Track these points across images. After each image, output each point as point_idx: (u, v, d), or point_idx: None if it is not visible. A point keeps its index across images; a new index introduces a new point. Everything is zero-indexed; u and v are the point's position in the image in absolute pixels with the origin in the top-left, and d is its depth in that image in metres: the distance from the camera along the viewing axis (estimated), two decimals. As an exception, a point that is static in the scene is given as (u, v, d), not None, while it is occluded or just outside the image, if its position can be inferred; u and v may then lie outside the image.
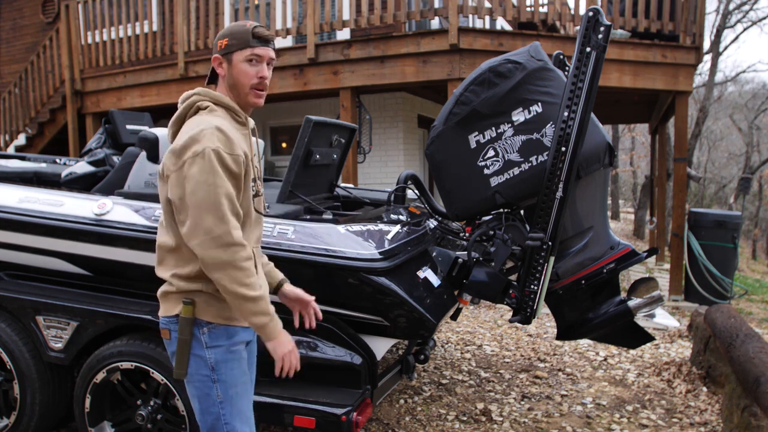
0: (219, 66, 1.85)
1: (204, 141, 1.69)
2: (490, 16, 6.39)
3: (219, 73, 1.86)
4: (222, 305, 1.81)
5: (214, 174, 1.68)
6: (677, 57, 6.43)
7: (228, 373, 1.83)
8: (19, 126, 9.02)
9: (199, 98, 1.83)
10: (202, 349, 1.80)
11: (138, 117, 4.36)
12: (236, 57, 1.81)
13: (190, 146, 1.70)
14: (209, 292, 1.80)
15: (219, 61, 1.84)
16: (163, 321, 1.86)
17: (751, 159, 22.37)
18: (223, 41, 1.83)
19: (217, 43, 1.85)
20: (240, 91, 1.84)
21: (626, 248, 2.64)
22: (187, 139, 1.71)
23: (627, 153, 26.20)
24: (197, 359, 1.80)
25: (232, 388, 1.84)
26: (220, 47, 1.83)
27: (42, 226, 2.78)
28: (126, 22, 7.96)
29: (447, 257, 2.75)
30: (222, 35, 1.84)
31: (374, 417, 3.44)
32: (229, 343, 1.83)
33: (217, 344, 1.81)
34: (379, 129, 8.20)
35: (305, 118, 3.20)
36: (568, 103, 2.34)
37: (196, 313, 1.80)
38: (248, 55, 1.81)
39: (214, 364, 1.81)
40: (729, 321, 3.78)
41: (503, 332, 5.25)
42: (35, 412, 2.82)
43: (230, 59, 1.82)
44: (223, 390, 1.82)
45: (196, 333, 1.80)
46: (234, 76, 1.83)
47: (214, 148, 1.68)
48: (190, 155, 1.69)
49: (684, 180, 6.70)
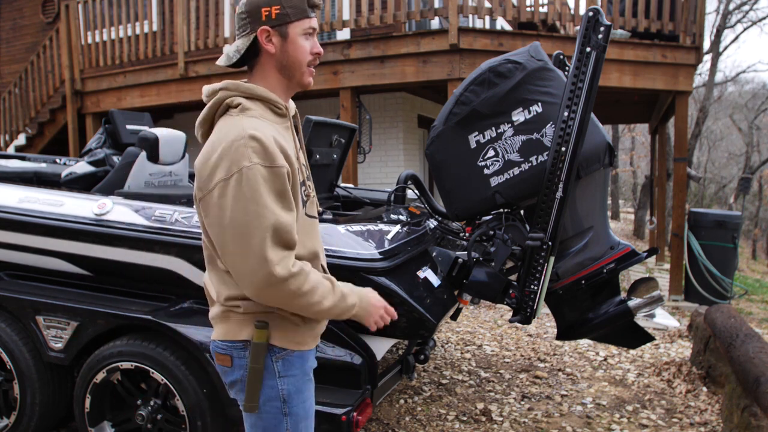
0: (268, 41, 1.49)
1: (236, 158, 1.37)
2: (490, 16, 6.39)
3: (267, 50, 1.50)
4: (296, 329, 1.58)
5: (252, 201, 1.37)
6: (677, 57, 6.43)
7: (300, 405, 1.61)
8: (19, 126, 9.02)
9: (227, 93, 1.51)
10: (273, 378, 1.56)
11: (138, 117, 4.36)
12: (292, 30, 1.49)
13: (218, 166, 1.39)
14: (283, 315, 1.55)
15: (268, 34, 1.48)
16: (222, 346, 1.59)
17: (751, 159, 22.37)
18: (272, 8, 1.46)
19: (259, 10, 1.46)
20: (295, 71, 1.53)
21: (626, 248, 2.64)
22: (215, 156, 1.40)
23: (627, 153, 26.20)
24: (268, 390, 1.56)
25: (302, 421, 1.63)
26: (266, 16, 1.46)
27: (42, 226, 2.78)
28: (126, 22, 7.96)
29: (447, 257, 2.75)
30: (264, 3, 1.47)
31: (374, 417, 3.44)
32: (302, 372, 1.62)
33: (291, 373, 1.59)
34: (379, 129, 8.20)
35: (305, 118, 3.20)
36: (568, 103, 2.34)
37: (269, 337, 1.55)
38: (307, 28, 1.50)
39: (286, 395, 1.58)
40: (729, 321, 3.78)
41: (503, 332, 5.25)
42: (35, 412, 2.82)
43: (284, 32, 1.48)
44: (293, 423, 1.60)
45: (269, 362, 1.55)
46: (290, 54, 1.50)
47: (248, 166, 1.37)
48: (220, 179, 1.38)
49: (684, 180, 6.70)
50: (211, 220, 1.44)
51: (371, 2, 7.14)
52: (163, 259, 2.64)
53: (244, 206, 1.37)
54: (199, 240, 2.52)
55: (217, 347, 1.61)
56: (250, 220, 1.38)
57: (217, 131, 1.49)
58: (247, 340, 1.56)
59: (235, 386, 1.62)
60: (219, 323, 1.62)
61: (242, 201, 1.37)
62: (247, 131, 1.41)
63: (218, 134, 1.47)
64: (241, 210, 1.38)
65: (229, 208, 1.38)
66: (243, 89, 1.52)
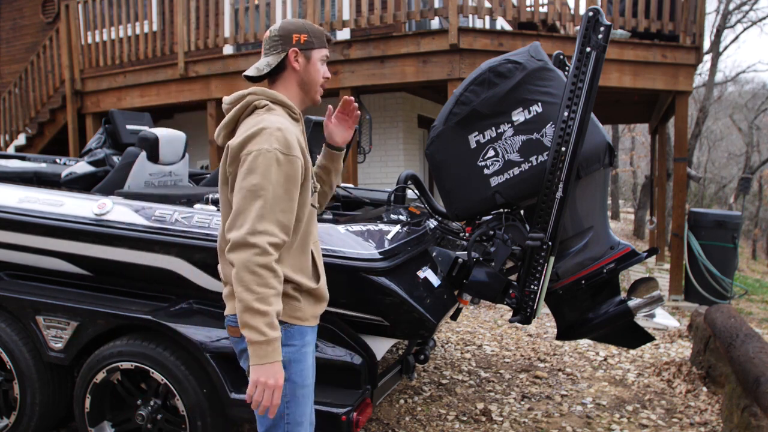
0: (295, 60, 1.83)
1: (259, 141, 1.66)
2: (490, 16, 6.39)
3: (293, 67, 1.83)
4: (295, 305, 1.80)
5: (262, 175, 1.63)
6: (677, 57, 6.43)
7: (298, 374, 1.80)
8: (19, 126, 9.02)
9: (256, 97, 1.80)
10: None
11: (138, 117, 4.36)
12: (315, 55, 1.84)
13: (247, 144, 1.67)
14: (286, 292, 1.76)
15: (296, 55, 1.82)
16: (233, 319, 1.79)
17: (751, 159, 22.36)
18: (302, 35, 1.82)
19: (290, 36, 1.82)
20: (311, 88, 1.87)
21: (626, 248, 2.64)
22: (245, 137, 1.68)
23: (627, 153, 26.21)
24: None
25: (300, 389, 1.81)
26: (297, 41, 1.81)
27: (42, 226, 2.78)
28: (126, 22, 7.96)
29: (447, 257, 2.75)
30: (298, 29, 1.83)
31: (374, 417, 3.44)
32: (301, 344, 1.82)
33: (291, 343, 1.79)
34: (379, 129, 8.20)
35: (305, 118, 3.20)
36: (568, 103, 2.34)
37: None
38: (323, 56, 1.87)
39: (286, 362, 1.74)
40: (729, 321, 3.78)
41: (503, 332, 5.25)
42: (35, 412, 2.82)
43: (309, 56, 1.84)
44: (291, 389, 1.79)
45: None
46: (311, 74, 1.85)
47: (268, 149, 1.65)
48: (248, 153, 1.66)
49: (684, 180, 6.70)
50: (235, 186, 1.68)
51: (371, 2, 7.14)
52: (163, 259, 2.64)
53: (254, 177, 1.64)
54: (199, 240, 2.54)
55: (230, 321, 1.82)
56: (256, 189, 1.63)
57: (246, 124, 1.75)
58: None
59: (244, 354, 1.78)
60: (230, 300, 1.82)
61: (254, 173, 1.64)
62: (275, 124, 1.69)
63: (248, 125, 1.73)
64: (251, 180, 1.64)
65: (242, 176, 1.66)
66: (269, 94, 1.81)
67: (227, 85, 7.15)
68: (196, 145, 7.50)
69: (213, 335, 2.46)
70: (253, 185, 1.64)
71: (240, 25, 7.14)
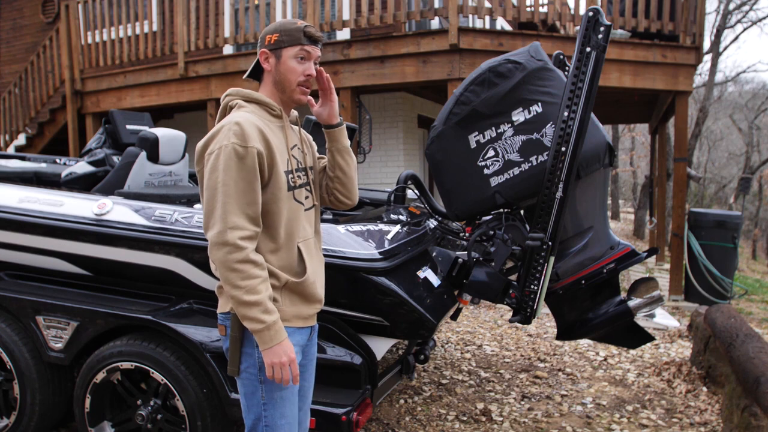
0: (266, 61, 1.84)
1: (219, 139, 1.69)
2: (490, 16, 6.38)
3: (265, 68, 1.85)
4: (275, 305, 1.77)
5: (223, 171, 1.66)
6: (677, 57, 6.43)
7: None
8: (19, 126, 9.02)
9: (230, 98, 1.84)
10: (252, 347, 1.77)
11: (138, 117, 4.36)
12: (285, 53, 1.81)
13: (207, 145, 1.72)
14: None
15: (266, 56, 1.83)
16: (220, 317, 1.84)
17: (751, 159, 22.36)
18: (272, 36, 1.81)
19: (265, 37, 1.83)
20: (286, 87, 1.84)
21: (626, 248, 2.64)
22: (207, 137, 1.74)
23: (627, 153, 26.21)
24: (247, 357, 1.78)
25: (278, 391, 1.80)
26: (268, 42, 1.82)
27: (42, 226, 2.78)
28: (126, 22, 7.96)
29: (447, 257, 2.75)
30: (271, 30, 1.83)
31: (374, 417, 3.44)
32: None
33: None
34: (379, 129, 8.20)
35: (305, 118, 3.20)
36: (568, 103, 2.34)
37: None
38: (297, 52, 1.81)
39: (261, 363, 1.76)
40: (729, 321, 3.78)
41: (503, 332, 5.25)
42: (35, 412, 2.82)
43: (279, 55, 1.82)
44: (268, 391, 1.79)
45: (247, 331, 1.76)
46: (282, 73, 1.82)
47: (226, 144, 1.67)
48: (210, 153, 1.70)
49: (684, 180, 6.70)
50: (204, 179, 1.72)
51: (371, 2, 7.15)
52: (163, 259, 2.64)
53: (216, 175, 1.67)
54: (199, 240, 2.53)
55: (219, 318, 1.86)
56: (218, 186, 1.67)
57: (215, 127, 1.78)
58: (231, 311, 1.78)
59: (227, 353, 1.82)
60: (219, 296, 1.86)
61: (216, 171, 1.67)
62: (234, 119, 1.72)
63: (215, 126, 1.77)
64: (214, 178, 1.68)
65: (206, 176, 1.70)
66: (243, 94, 1.85)
67: (227, 85, 7.14)
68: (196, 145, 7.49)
69: (213, 335, 2.46)
70: (215, 183, 1.67)
71: (240, 25, 7.14)
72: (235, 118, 1.72)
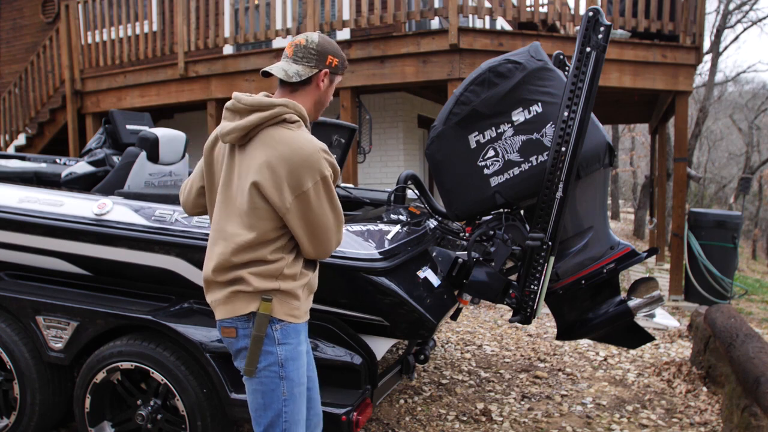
0: (322, 80, 1.91)
1: (318, 167, 1.77)
2: (490, 16, 6.38)
3: (319, 86, 1.91)
4: (293, 304, 1.86)
5: (334, 198, 1.83)
6: (677, 57, 6.43)
7: (295, 371, 1.88)
8: (19, 126, 9.02)
9: (286, 110, 1.82)
10: (273, 345, 1.84)
11: (138, 117, 4.36)
12: (335, 80, 1.95)
13: (305, 173, 1.76)
14: (286, 290, 1.84)
15: (326, 76, 1.91)
16: (229, 321, 1.87)
17: (751, 159, 22.36)
18: (335, 60, 1.91)
19: (326, 56, 1.89)
20: (320, 108, 1.96)
21: (626, 248, 2.64)
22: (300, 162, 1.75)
23: (627, 153, 26.21)
24: (267, 355, 1.84)
25: (297, 387, 1.89)
26: (329, 62, 1.89)
27: (42, 226, 2.78)
28: (126, 22, 7.96)
29: (447, 257, 2.75)
30: (334, 52, 1.91)
31: (374, 417, 3.44)
32: (297, 342, 1.89)
33: (288, 341, 1.86)
34: (379, 129, 8.20)
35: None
36: (568, 103, 2.34)
37: (272, 310, 1.83)
38: (337, 80, 1.97)
39: (284, 360, 1.84)
40: (729, 321, 3.78)
41: (503, 332, 5.25)
42: (35, 412, 2.82)
43: (332, 79, 1.94)
44: (289, 387, 1.87)
45: (269, 330, 1.83)
46: (326, 95, 1.94)
47: (328, 176, 1.79)
48: (312, 183, 1.77)
49: (684, 180, 6.70)
50: (314, 210, 1.81)
51: (371, 2, 7.14)
52: (163, 259, 2.64)
53: (332, 202, 1.84)
54: (199, 240, 2.53)
55: (223, 323, 1.88)
56: (338, 209, 1.86)
57: (288, 137, 1.78)
58: (252, 312, 1.83)
59: (240, 354, 1.88)
60: (222, 305, 1.87)
61: (331, 199, 1.83)
62: (317, 145, 1.79)
63: (292, 143, 1.77)
64: (332, 204, 1.84)
65: (326, 202, 1.82)
66: (298, 109, 1.85)
67: (227, 85, 7.15)
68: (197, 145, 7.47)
69: (213, 335, 2.46)
70: (334, 208, 1.85)
71: (240, 25, 7.14)
72: (315, 143, 1.79)
